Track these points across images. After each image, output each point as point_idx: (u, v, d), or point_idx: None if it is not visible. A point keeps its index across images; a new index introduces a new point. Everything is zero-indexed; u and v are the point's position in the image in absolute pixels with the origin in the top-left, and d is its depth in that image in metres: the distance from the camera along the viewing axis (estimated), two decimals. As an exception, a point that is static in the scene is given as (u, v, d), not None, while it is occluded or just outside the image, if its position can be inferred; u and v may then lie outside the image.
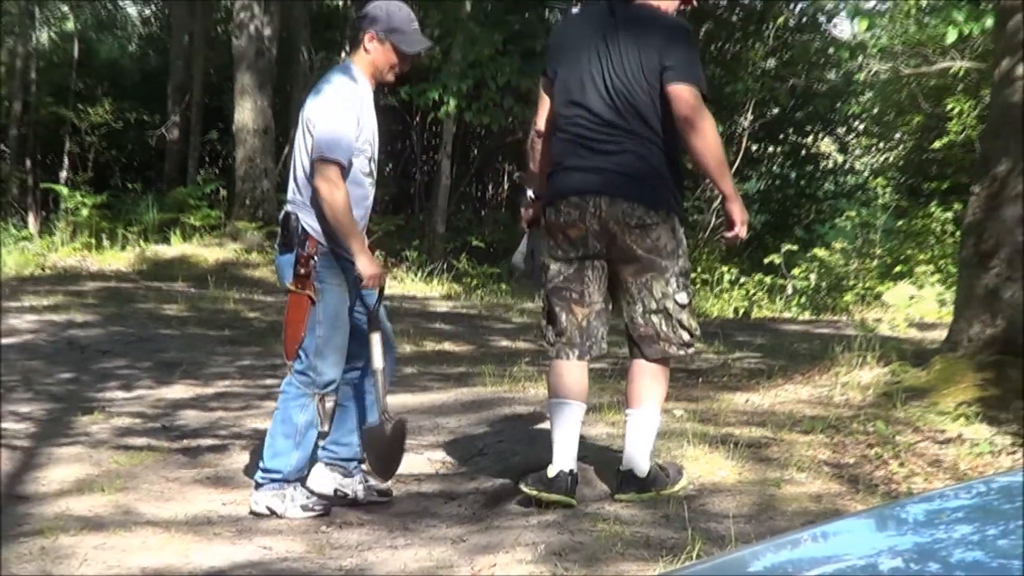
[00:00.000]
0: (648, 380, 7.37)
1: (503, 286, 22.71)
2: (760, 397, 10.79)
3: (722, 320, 18.75)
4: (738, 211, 7.28)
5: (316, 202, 7.52)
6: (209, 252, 22.81)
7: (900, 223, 25.79)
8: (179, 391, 10.73)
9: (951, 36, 19.61)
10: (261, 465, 7.59)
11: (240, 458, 8.62)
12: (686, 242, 7.39)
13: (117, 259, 22.65)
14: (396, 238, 25.10)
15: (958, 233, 17.54)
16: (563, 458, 7.38)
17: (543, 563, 6.45)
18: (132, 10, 36.92)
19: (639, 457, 7.37)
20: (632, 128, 7.22)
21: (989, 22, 15.06)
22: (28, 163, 31.18)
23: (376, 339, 7.63)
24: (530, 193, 7.81)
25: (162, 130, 30.03)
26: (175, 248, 23.23)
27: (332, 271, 7.64)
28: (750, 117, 29.35)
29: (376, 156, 7.98)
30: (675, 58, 7.16)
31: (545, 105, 7.71)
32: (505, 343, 14.30)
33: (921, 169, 28.66)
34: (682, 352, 7.49)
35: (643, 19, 7.43)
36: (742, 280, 23.69)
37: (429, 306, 18.41)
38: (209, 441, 8.97)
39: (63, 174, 30.20)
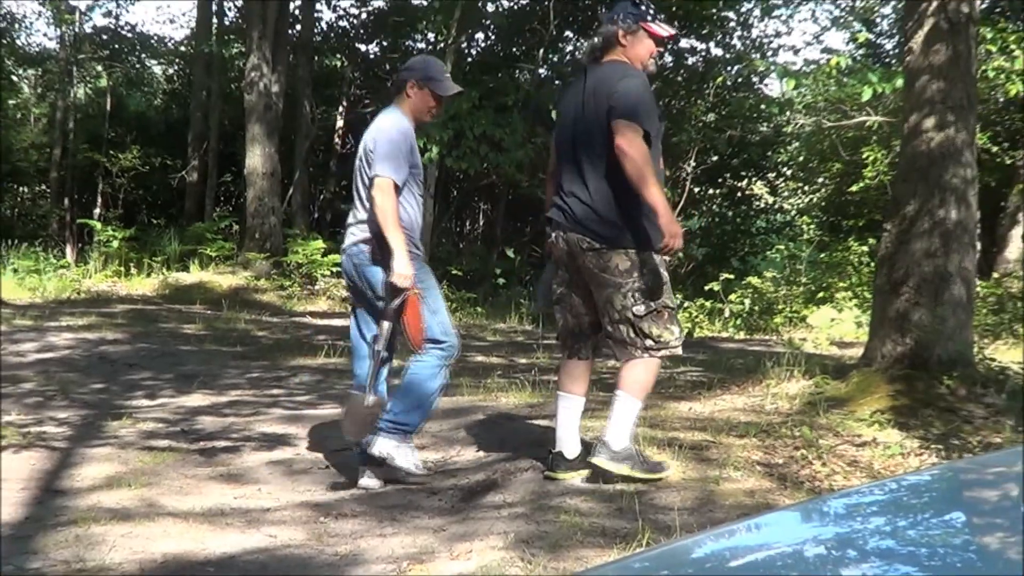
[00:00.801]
0: (626, 372, 7.60)
1: (479, 309, 22.68)
2: (701, 405, 10.83)
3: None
4: (665, 225, 7.18)
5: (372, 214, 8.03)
6: (223, 279, 22.77)
7: (823, 255, 25.91)
8: (197, 399, 10.68)
9: (866, 94, 19.50)
10: (390, 417, 7.99)
11: (250, 458, 8.57)
12: (653, 263, 7.39)
13: (143, 285, 22.61)
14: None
15: (873, 264, 17.32)
16: (556, 440, 7.89)
17: (512, 549, 6.41)
18: (158, 69, 36.87)
19: (611, 429, 7.61)
20: (591, 172, 7.42)
21: (899, 82, 14.95)
22: (66, 201, 31.18)
23: (386, 328, 8.07)
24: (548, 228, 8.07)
25: (183, 173, 30.01)
26: (194, 275, 23.19)
27: (423, 270, 8.22)
28: (693, 163, 29.42)
29: (421, 181, 8.43)
30: (616, 99, 7.27)
31: (552, 156, 8.07)
32: (480, 358, 14.23)
33: (841, 209, 28.75)
34: (646, 355, 7.52)
35: (604, 73, 7.57)
36: (686, 304, 23.59)
37: (414, 326, 18.31)
38: (223, 443, 8.93)
39: (96, 211, 30.17)
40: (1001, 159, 23.31)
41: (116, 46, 34.32)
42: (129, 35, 34.88)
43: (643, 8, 7.75)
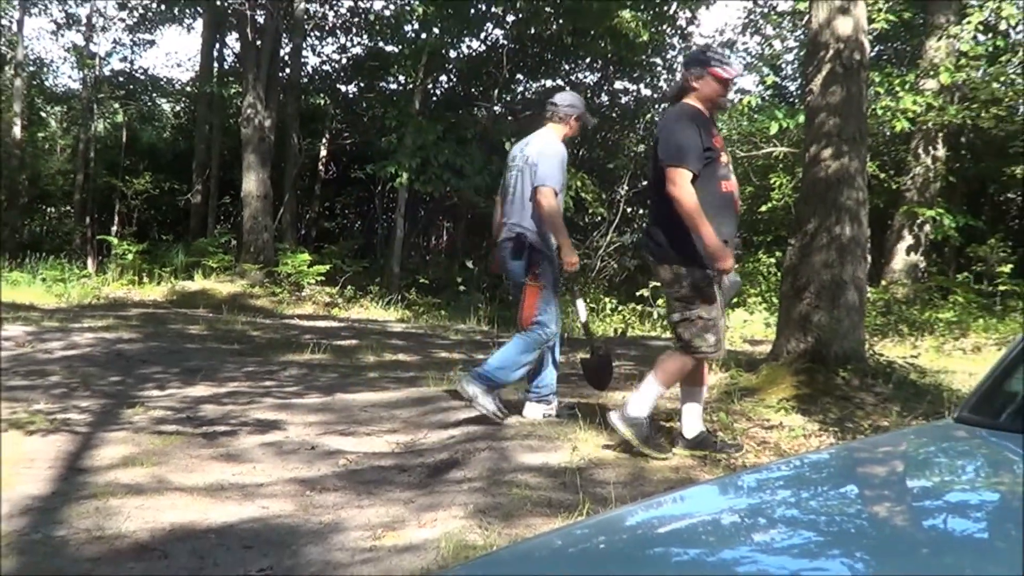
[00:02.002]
0: (660, 359, 7.96)
1: (443, 312, 22.65)
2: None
3: (606, 338, 18.60)
4: (711, 251, 7.28)
5: (537, 219, 8.86)
6: (223, 286, 22.67)
7: (737, 266, 25.37)
8: (200, 390, 10.60)
9: (773, 128, 20.52)
10: (483, 369, 8.91)
11: (246, 440, 8.49)
12: (694, 278, 7.48)
13: (154, 292, 22.48)
14: (363, 276, 25.04)
15: (779, 274, 17.08)
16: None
17: (472, 519, 6.45)
18: (167, 106, 36.75)
19: (632, 398, 7.92)
20: (653, 197, 7.93)
21: (801, 118, 15.65)
22: (88, 220, 31.10)
23: (580, 303, 9.68)
24: None
25: (188, 195, 29.91)
26: (197, 283, 23.07)
27: (549, 267, 8.91)
28: (626, 187, 29.33)
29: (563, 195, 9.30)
30: (662, 144, 7.51)
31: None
32: (444, 354, 14.15)
33: (752, 226, 28.27)
34: (680, 353, 7.78)
35: (664, 117, 8.16)
36: (620, 308, 23.66)
37: (387, 327, 18.28)
38: (222, 428, 8.85)
39: (114, 228, 30.11)
40: (888, 184, 23.58)
41: (131, 87, 34.28)
42: (142, 77, 34.84)
43: (708, 55, 7.98)
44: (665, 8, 28.60)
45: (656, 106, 30.82)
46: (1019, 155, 22.24)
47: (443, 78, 30.29)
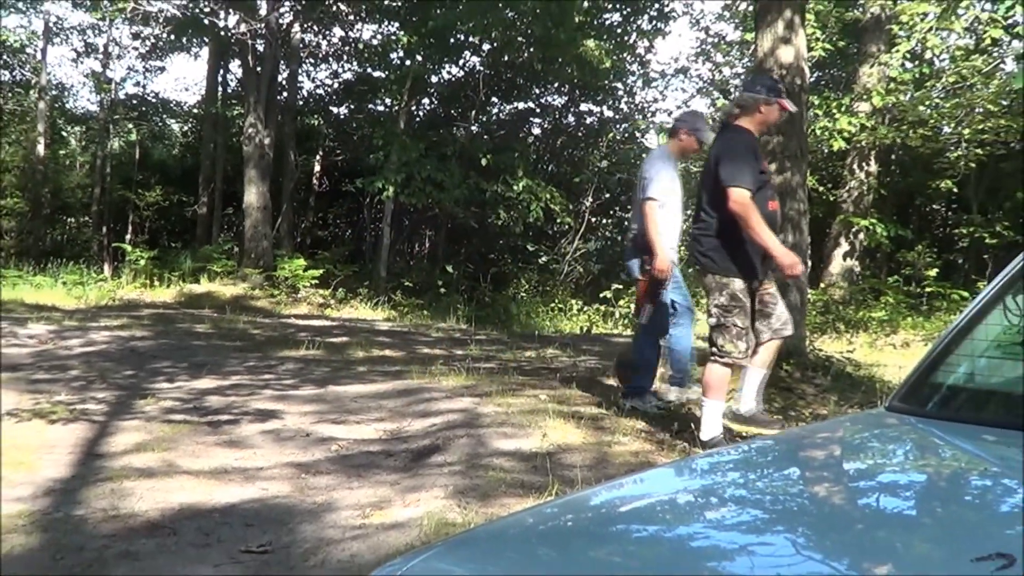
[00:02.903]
0: (704, 382, 7.78)
1: (425, 312, 22.63)
2: (598, 386, 10.65)
3: (572, 335, 18.68)
4: (780, 257, 7.30)
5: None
6: (227, 289, 22.57)
7: (691, 270, 25.24)
8: (206, 383, 10.55)
9: None
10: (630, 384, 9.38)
11: (247, 428, 8.45)
12: (732, 288, 7.43)
13: (164, 294, 22.38)
14: (353, 279, 24.99)
15: None
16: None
17: (452, 499, 6.47)
18: (176, 126, 36.71)
19: (703, 429, 7.70)
20: (702, 212, 7.65)
21: None
22: (104, 229, 31.06)
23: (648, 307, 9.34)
24: None
25: (195, 207, 29.86)
26: (203, 286, 22.97)
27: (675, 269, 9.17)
28: (590, 199, 29.38)
29: (679, 202, 9.36)
30: (724, 166, 7.43)
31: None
32: (427, 350, 14.09)
33: None
34: (712, 360, 7.63)
35: (722, 138, 7.92)
36: (585, 308, 23.72)
37: (375, 326, 18.22)
38: (226, 417, 8.81)
39: (128, 236, 30.00)
40: (826, 196, 23.93)
41: (143, 109, 34.25)
42: (153, 100, 34.80)
43: (780, 87, 8.07)
44: (625, 38, 28.70)
45: (617, 126, 30.99)
46: (943, 171, 22.71)
47: (425, 101, 30.34)
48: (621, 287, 24.00)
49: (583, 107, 31.15)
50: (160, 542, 5.71)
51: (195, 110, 34.31)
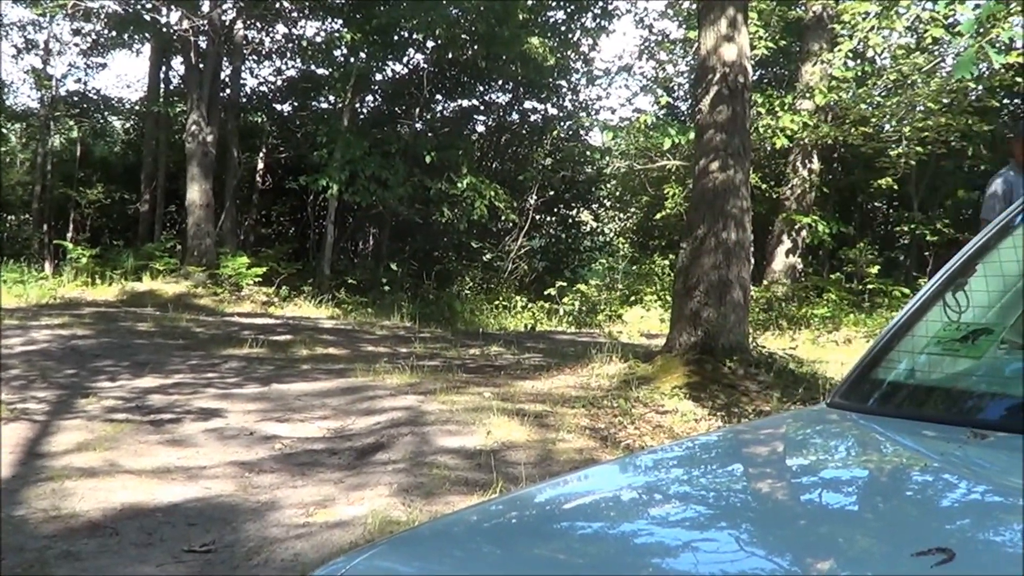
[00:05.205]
0: None
1: (369, 309, 22.63)
2: (542, 384, 10.79)
3: (516, 332, 18.77)
4: None
5: None
6: (169, 287, 22.39)
7: (634, 267, 26.22)
8: (148, 381, 10.50)
9: (667, 143, 20.28)
10: None
11: (190, 427, 8.43)
12: None
13: (106, 292, 22.20)
14: (296, 277, 24.94)
15: (672, 274, 16.70)
16: None
17: (396, 496, 6.52)
18: (117, 123, 36.32)
19: None
20: None
21: (691, 135, 15.39)
22: (45, 227, 30.70)
23: None
24: None
25: (137, 204, 29.64)
26: (146, 284, 22.78)
27: None
28: (535, 197, 29.52)
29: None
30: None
31: None
32: (371, 348, 14.12)
33: (648, 232, 29.09)
34: None
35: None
36: (529, 305, 23.92)
37: (319, 323, 18.22)
38: (168, 415, 8.80)
39: (69, 234, 29.68)
40: (769, 194, 23.86)
41: (85, 106, 33.86)
42: (95, 97, 34.36)
43: None
44: (569, 36, 28.87)
45: (561, 123, 31.17)
46: (884, 169, 22.73)
47: (369, 98, 30.27)
48: (565, 284, 24.18)
49: (527, 104, 31.24)
50: (102, 542, 5.69)
51: (137, 107, 34.12)
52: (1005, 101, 24.11)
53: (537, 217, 29.95)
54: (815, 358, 13.76)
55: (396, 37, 26.71)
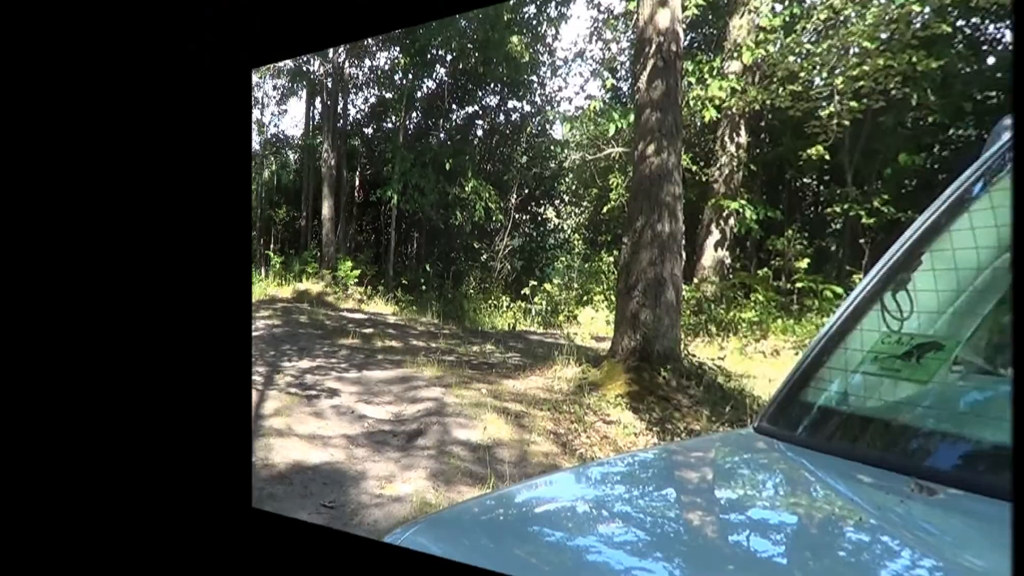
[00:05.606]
0: None
1: (414, 307, 23.47)
2: (520, 383, 11.02)
3: (503, 331, 19.64)
4: None
5: None
6: (315, 287, 24.44)
7: (587, 265, 24.71)
8: (305, 363, 12.53)
9: (611, 129, 20.11)
10: None
11: (324, 403, 9.79)
12: None
13: (285, 291, 24.03)
14: (376, 278, 26.59)
15: (616, 272, 16.20)
16: None
17: (429, 480, 7.12)
18: (292, 156, 37.53)
19: None
20: None
21: (631, 117, 15.16)
22: (261, 240, 32.11)
23: None
24: None
25: (300, 221, 31.30)
26: (304, 285, 25.03)
27: None
28: (515, 196, 29.16)
29: None
30: None
31: None
32: (415, 342, 15.38)
33: (597, 227, 27.27)
34: None
35: None
36: (510, 305, 24.06)
37: (386, 319, 20.03)
38: (312, 392, 10.35)
39: (272, 246, 31.06)
40: (699, 176, 21.61)
41: (276, 145, 34.73)
42: (282, 137, 34.69)
43: None
44: (538, 28, 28.34)
45: (533, 120, 30.28)
46: (814, 135, 19.08)
47: (413, 115, 30.52)
48: (536, 283, 24.48)
49: (510, 104, 30.88)
50: (285, 488, 6.85)
51: (299, 142, 35.27)
52: (960, 23, 18.39)
53: (517, 216, 29.46)
54: (743, 371, 12.85)
55: (428, 55, 27.53)
